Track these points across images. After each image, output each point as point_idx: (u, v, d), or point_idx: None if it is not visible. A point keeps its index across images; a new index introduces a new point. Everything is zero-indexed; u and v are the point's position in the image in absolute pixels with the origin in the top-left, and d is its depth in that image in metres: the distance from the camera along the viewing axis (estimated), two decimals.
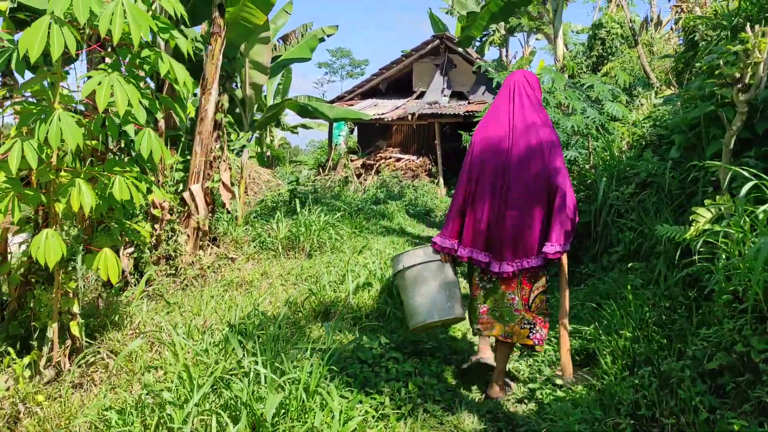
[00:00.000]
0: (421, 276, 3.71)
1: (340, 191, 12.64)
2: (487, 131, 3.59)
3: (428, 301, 3.67)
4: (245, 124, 7.07)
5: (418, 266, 3.71)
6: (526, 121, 3.50)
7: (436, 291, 3.67)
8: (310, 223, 7.15)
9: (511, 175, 3.41)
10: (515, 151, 3.43)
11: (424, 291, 3.68)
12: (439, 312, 3.65)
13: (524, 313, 3.54)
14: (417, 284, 3.70)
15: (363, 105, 16.13)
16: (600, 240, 5.45)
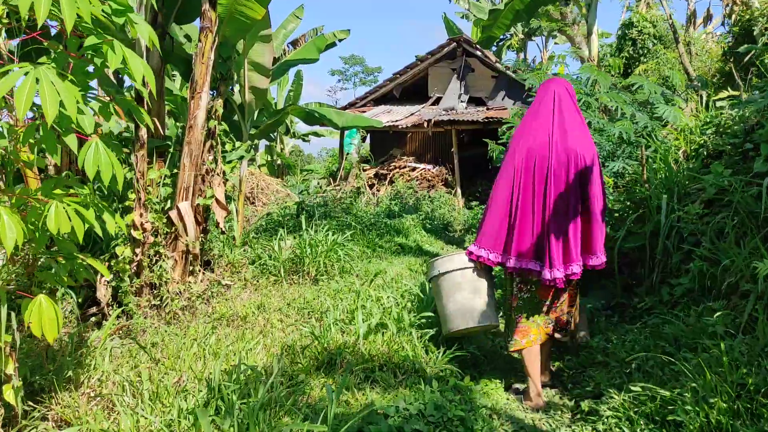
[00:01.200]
0: (457, 282, 3.72)
1: (351, 204, 11.84)
2: (531, 139, 3.62)
3: (463, 307, 3.70)
4: (244, 132, 6.29)
5: (455, 272, 3.73)
6: (570, 131, 3.60)
7: (472, 298, 3.70)
8: (315, 244, 6.34)
9: (553, 184, 3.50)
10: (558, 159, 3.52)
11: (459, 298, 3.71)
12: (474, 319, 3.69)
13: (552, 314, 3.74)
14: (453, 290, 3.72)
15: (376, 112, 15.34)
16: (657, 268, 4.59)
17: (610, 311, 4.84)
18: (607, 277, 5.17)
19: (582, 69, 5.53)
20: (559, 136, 3.57)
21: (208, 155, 5.69)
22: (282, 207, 11.31)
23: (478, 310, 3.71)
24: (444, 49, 15.37)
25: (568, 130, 3.60)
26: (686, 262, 4.42)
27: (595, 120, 5.17)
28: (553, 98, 3.69)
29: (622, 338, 4.18)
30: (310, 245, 6.27)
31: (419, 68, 15.69)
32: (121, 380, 3.31)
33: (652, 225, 4.69)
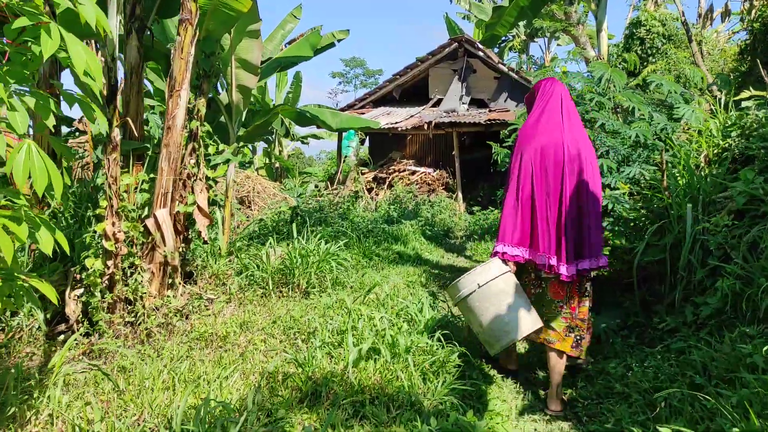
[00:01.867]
0: (502, 289, 3.57)
1: (348, 209, 11.41)
2: (544, 138, 3.70)
3: (519, 313, 3.54)
4: (231, 134, 5.87)
5: (497, 279, 3.57)
6: (577, 131, 3.75)
7: (522, 301, 3.59)
8: (307, 254, 5.91)
9: (567, 180, 3.61)
10: (570, 156, 3.64)
11: (511, 304, 3.55)
12: (535, 320, 3.56)
13: (571, 321, 3.71)
14: (502, 298, 3.55)
15: (375, 113, 14.92)
16: (680, 285, 4.15)
17: (626, 331, 4.41)
18: (623, 292, 4.75)
19: (593, 66, 5.10)
20: (570, 135, 3.70)
21: (189, 158, 5.27)
22: (276, 212, 10.89)
23: (532, 312, 3.61)
24: (445, 49, 14.95)
25: (575, 129, 3.76)
26: (712, 278, 3.99)
27: (609, 121, 4.74)
28: (560, 98, 3.82)
29: (643, 364, 3.75)
30: (300, 255, 5.84)
31: (419, 69, 15.28)
32: (72, 419, 2.88)
33: (673, 237, 4.26)
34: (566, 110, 3.80)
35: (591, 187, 3.66)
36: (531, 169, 3.68)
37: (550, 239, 3.62)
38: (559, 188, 3.63)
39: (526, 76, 9.35)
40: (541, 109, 3.85)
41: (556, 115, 3.78)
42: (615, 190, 4.67)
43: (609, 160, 4.63)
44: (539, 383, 4.06)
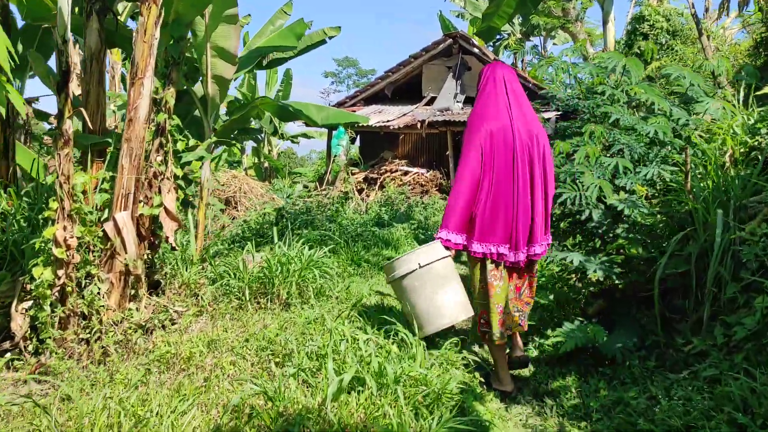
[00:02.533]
0: (440, 273, 3.59)
1: (337, 211, 10.88)
2: (490, 123, 3.64)
3: (457, 299, 3.59)
4: (207, 129, 5.33)
5: (437, 263, 3.59)
6: (525, 114, 3.72)
7: (458, 288, 3.63)
8: (288, 261, 5.38)
9: (519, 165, 3.57)
10: (520, 142, 3.60)
11: (448, 288, 3.58)
12: (465, 310, 3.60)
13: (516, 302, 3.77)
14: (440, 282, 3.58)
15: (366, 111, 14.40)
16: (707, 301, 3.65)
17: (644, 351, 3.90)
18: (639, 307, 4.24)
19: (605, 56, 4.60)
20: (518, 119, 3.65)
21: (156, 155, 4.74)
22: (260, 214, 10.35)
23: (467, 301, 3.65)
24: (439, 45, 14.45)
25: (525, 112, 3.72)
26: (746, 295, 3.49)
27: (623, 116, 4.24)
28: (504, 82, 3.77)
29: (669, 394, 3.25)
30: (280, 263, 5.30)
31: (413, 66, 14.77)
32: None
33: (698, 246, 3.76)
34: (512, 93, 3.75)
35: (543, 173, 3.67)
36: (481, 155, 3.62)
37: (499, 227, 3.60)
38: (511, 174, 3.59)
39: (532, 75, 8.91)
40: (486, 93, 3.80)
41: (502, 98, 3.73)
42: (631, 194, 4.17)
43: (624, 159, 4.13)
44: (547, 414, 3.55)
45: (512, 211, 3.58)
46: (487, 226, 3.59)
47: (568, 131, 4.96)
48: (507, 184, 3.58)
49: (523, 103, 3.74)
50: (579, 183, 4.17)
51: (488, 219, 3.59)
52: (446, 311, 3.56)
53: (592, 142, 4.33)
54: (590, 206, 4.15)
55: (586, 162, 4.26)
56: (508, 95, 3.73)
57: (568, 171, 4.31)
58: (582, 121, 4.80)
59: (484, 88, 3.84)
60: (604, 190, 4.05)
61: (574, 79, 5.10)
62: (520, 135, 3.60)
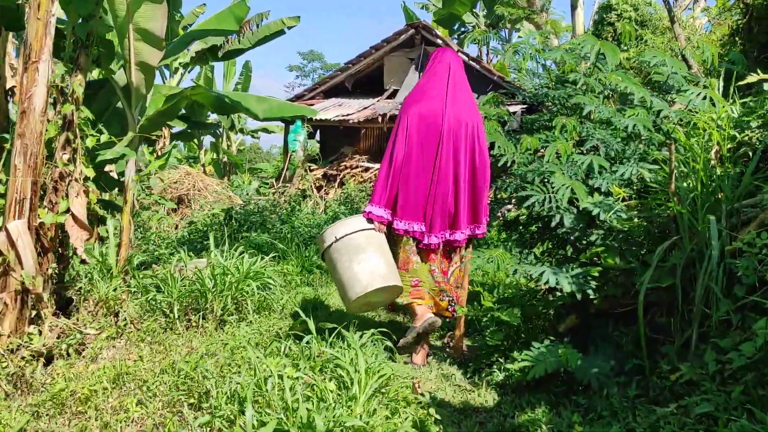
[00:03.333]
0: (359, 243, 3.64)
1: (293, 210, 10.26)
2: (424, 105, 3.76)
3: (371, 267, 3.60)
4: (131, 122, 4.67)
5: (357, 233, 3.67)
6: (461, 102, 3.81)
7: (376, 258, 3.63)
8: (224, 271, 4.76)
9: (443, 150, 3.69)
10: (449, 127, 3.71)
11: (363, 258, 3.62)
12: (384, 278, 3.59)
13: (443, 285, 3.86)
14: (356, 252, 3.63)
15: (326, 105, 13.77)
16: (695, 321, 3.16)
17: (624, 377, 3.40)
18: (617, 324, 3.75)
19: (577, 40, 4.09)
20: (452, 105, 3.72)
21: (62, 153, 4.07)
22: (209, 214, 9.67)
23: (387, 270, 3.64)
24: (401, 36, 13.88)
25: (460, 100, 3.78)
26: (741, 314, 3.02)
27: (598, 108, 3.73)
28: (448, 68, 3.82)
29: None
30: (213, 275, 4.68)
31: (373, 58, 14.17)
32: None
33: (684, 256, 3.27)
34: (453, 80, 3.79)
35: (472, 162, 3.75)
36: (406, 136, 3.71)
37: (417, 207, 3.70)
38: (434, 158, 3.68)
39: (498, 67, 8.43)
40: (426, 77, 3.89)
41: (440, 84, 3.79)
42: (607, 196, 3.67)
43: (599, 157, 3.62)
44: None
45: (431, 195, 3.70)
46: (409, 205, 3.71)
47: (536, 124, 4.44)
48: (428, 167, 3.69)
49: (461, 92, 3.80)
50: (548, 184, 3.65)
51: (410, 197, 3.70)
52: (362, 278, 3.58)
53: (563, 138, 3.82)
54: (561, 210, 3.63)
55: (556, 160, 3.74)
56: (448, 81, 3.79)
57: (537, 170, 3.78)
58: (551, 114, 4.29)
59: (427, 70, 3.93)
60: (577, 192, 3.54)
61: (542, 67, 4.59)
62: (449, 122, 3.69)
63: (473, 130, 3.78)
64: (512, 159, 3.99)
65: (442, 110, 3.73)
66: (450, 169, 3.72)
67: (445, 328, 4.41)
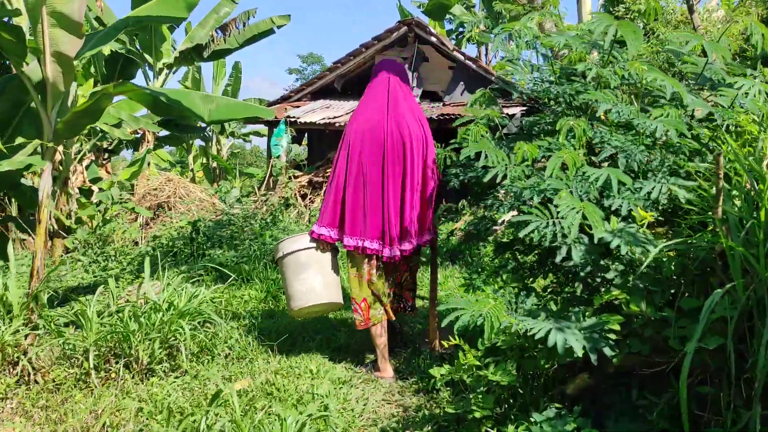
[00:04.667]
0: (302, 262, 3.84)
1: (273, 221, 9.40)
2: (364, 121, 3.74)
3: (309, 285, 3.83)
4: (46, 125, 3.83)
5: (300, 252, 3.86)
6: (404, 113, 3.74)
7: (316, 276, 3.83)
8: (157, 308, 3.89)
9: (389, 163, 3.66)
10: (392, 139, 3.67)
11: (304, 276, 3.83)
12: (319, 297, 3.82)
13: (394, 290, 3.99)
14: (299, 269, 3.85)
15: (313, 107, 12.90)
16: (756, 399, 2.30)
17: None
18: (643, 389, 2.87)
19: (587, 23, 3.22)
20: (394, 118, 3.71)
21: None
22: (175, 228, 8.81)
23: (323, 289, 3.85)
24: (392, 34, 13.02)
25: (402, 112, 3.74)
26: None
27: (616, 107, 2.87)
28: (387, 81, 3.83)
29: None
30: (136, 315, 3.81)
31: (364, 57, 13.31)
32: None
33: (739, 307, 2.40)
34: (393, 92, 3.79)
35: (415, 173, 3.70)
36: (348, 153, 3.72)
37: (368, 223, 3.69)
38: (380, 174, 3.67)
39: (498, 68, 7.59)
40: (367, 91, 3.91)
41: (380, 98, 3.79)
42: (627, 221, 2.81)
43: (618, 170, 2.77)
44: None
45: (384, 208, 3.68)
46: (356, 221, 3.70)
47: (535, 128, 3.58)
48: (376, 181, 3.67)
49: (402, 102, 3.76)
50: (552, 206, 2.79)
51: (357, 214, 3.70)
52: (300, 295, 3.84)
53: (569, 145, 2.96)
54: (569, 242, 2.77)
55: (561, 174, 2.88)
56: (389, 93, 3.77)
57: (536, 187, 2.92)
58: (555, 115, 3.43)
59: (368, 87, 3.92)
60: (589, 217, 2.67)
61: (542, 57, 3.73)
62: (392, 133, 3.66)
63: (419, 142, 3.73)
64: (503, 172, 3.12)
65: (383, 123, 3.71)
66: (398, 181, 3.70)
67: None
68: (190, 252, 7.63)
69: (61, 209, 11.05)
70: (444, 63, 13.32)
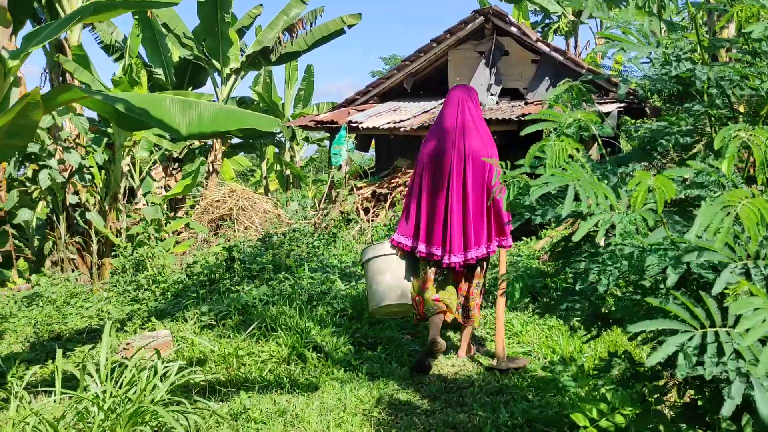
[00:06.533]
0: (381, 267, 4.28)
1: (326, 242, 8.27)
2: (436, 140, 4.17)
3: (383, 288, 4.25)
4: None
5: (379, 258, 4.29)
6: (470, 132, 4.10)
7: (389, 280, 4.25)
8: (96, 404, 2.77)
9: (455, 179, 4.04)
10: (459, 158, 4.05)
11: (380, 279, 4.27)
12: (391, 299, 4.22)
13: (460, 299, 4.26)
14: (376, 273, 4.29)
15: (378, 110, 11.70)
16: None
17: None
18: None
19: None
20: (460, 137, 4.05)
21: None
22: (213, 253, 7.83)
23: (396, 292, 4.23)
24: (467, 25, 11.60)
25: (468, 131, 4.07)
26: None
27: None
28: (457, 103, 4.15)
29: None
30: (78, 412, 2.70)
31: (435, 52, 11.97)
32: None
33: None
34: (462, 113, 4.10)
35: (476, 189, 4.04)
36: (421, 170, 4.17)
37: (435, 233, 4.07)
38: (445, 189, 4.05)
39: (589, 60, 6.16)
40: (440, 114, 4.27)
41: (450, 119, 4.12)
42: None
43: None
44: None
45: (446, 222, 4.04)
46: (427, 231, 4.11)
47: (651, 138, 2.19)
48: (441, 197, 4.06)
49: (469, 123, 4.08)
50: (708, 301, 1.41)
51: (427, 226, 4.11)
52: (376, 296, 4.27)
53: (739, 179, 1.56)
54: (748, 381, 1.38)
55: (727, 233, 1.49)
56: (457, 115, 4.10)
57: (670, 252, 1.55)
58: (694, 117, 2.02)
59: (441, 109, 4.30)
60: None
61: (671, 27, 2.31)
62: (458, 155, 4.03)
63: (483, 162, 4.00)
64: (607, 222, 1.77)
65: (452, 143, 4.06)
66: (460, 196, 4.03)
67: None
68: (229, 280, 6.62)
69: (110, 226, 10.44)
70: (526, 56, 11.76)
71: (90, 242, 10.12)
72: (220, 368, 4.28)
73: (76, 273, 9.80)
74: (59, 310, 6.57)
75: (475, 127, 4.09)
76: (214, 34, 16.14)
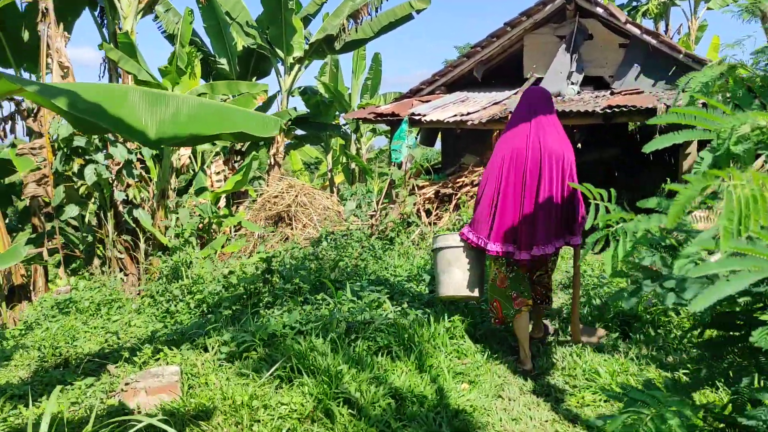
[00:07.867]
0: (448, 258, 4.46)
1: (378, 254, 7.37)
2: (513, 140, 4.17)
3: (450, 278, 4.46)
4: None
5: (448, 249, 4.47)
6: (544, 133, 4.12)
7: (456, 272, 4.45)
8: None
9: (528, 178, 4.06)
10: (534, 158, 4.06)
11: (447, 270, 4.47)
12: (456, 289, 4.46)
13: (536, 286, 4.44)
14: (444, 264, 4.48)
15: (444, 101, 10.68)
16: None
17: None
18: None
19: None
20: (535, 137, 4.09)
21: None
22: (252, 263, 7.07)
23: (462, 284, 4.44)
24: (546, 6, 10.39)
25: (543, 132, 4.11)
26: None
27: None
28: (528, 105, 4.23)
29: None
30: None
31: (509, 37, 10.82)
32: None
33: None
34: (536, 113, 4.15)
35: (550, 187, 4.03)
36: (501, 168, 4.14)
37: (507, 232, 4.12)
38: (520, 187, 4.08)
39: (682, 42, 5.07)
40: (515, 114, 4.29)
41: (523, 123, 4.15)
42: None
43: None
44: None
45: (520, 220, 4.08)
46: (500, 230, 4.14)
47: None
48: (516, 198, 4.09)
49: (543, 124, 4.14)
50: None
51: (500, 224, 4.13)
52: (442, 287, 4.52)
53: None
54: None
55: None
56: (532, 118, 4.13)
57: None
58: None
59: (515, 109, 4.33)
60: None
61: None
62: (533, 153, 4.05)
63: (558, 158, 4.05)
64: None
65: (526, 143, 4.10)
66: (533, 194, 4.05)
67: None
68: (268, 293, 5.85)
69: (158, 224, 9.94)
70: (613, 40, 10.44)
71: (138, 241, 9.64)
72: (228, 424, 3.47)
73: (122, 274, 9.34)
74: (86, 323, 5.99)
75: (550, 128, 4.15)
76: (277, 22, 15.51)
